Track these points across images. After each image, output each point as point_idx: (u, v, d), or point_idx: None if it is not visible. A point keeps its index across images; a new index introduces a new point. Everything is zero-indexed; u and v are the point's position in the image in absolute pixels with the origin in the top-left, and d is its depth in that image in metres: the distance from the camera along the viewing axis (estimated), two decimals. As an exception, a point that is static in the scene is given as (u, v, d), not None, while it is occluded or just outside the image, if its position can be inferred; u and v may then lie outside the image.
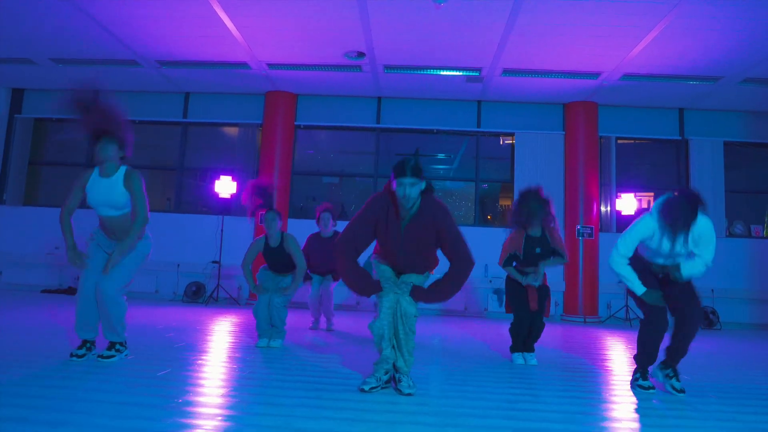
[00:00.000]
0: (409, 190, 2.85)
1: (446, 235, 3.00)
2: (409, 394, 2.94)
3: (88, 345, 3.53)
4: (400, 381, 3.03)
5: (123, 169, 3.50)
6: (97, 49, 7.48)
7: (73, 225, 3.49)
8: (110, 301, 3.39)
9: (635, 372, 3.50)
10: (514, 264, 4.33)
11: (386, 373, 3.08)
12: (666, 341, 3.39)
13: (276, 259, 4.57)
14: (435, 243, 3.08)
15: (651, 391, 3.32)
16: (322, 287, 5.66)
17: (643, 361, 3.45)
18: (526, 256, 4.22)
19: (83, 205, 3.47)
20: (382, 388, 3.04)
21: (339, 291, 6.45)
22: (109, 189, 3.43)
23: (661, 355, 3.43)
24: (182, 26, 6.71)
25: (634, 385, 3.44)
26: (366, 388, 2.97)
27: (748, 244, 8.64)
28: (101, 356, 3.47)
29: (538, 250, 4.21)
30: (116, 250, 3.37)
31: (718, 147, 8.75)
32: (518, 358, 4.24)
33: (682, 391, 3.25)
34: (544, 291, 4.29)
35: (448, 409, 2.69)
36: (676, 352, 3.38)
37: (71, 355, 3.44)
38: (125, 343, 3.63)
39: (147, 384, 2.91)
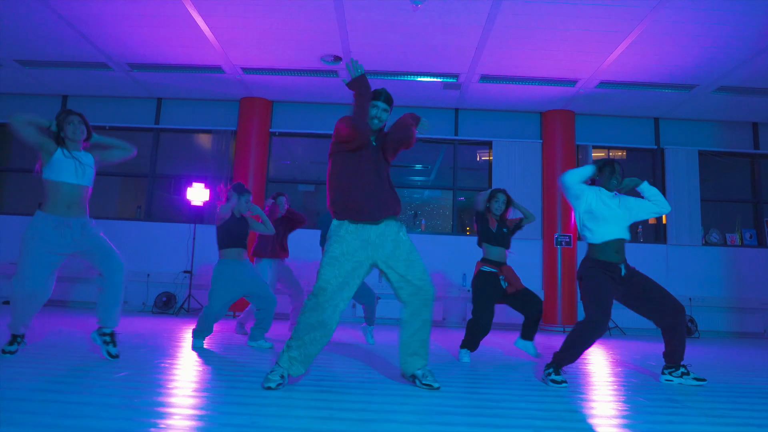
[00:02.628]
0: (380, 113, 3.12)
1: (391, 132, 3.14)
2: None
3: (18, 339, 3.43)
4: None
5: (84, 151, 3.60)
6: (66, 50, 7.24)
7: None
8: (123, 278, 3.58)
9: (549, 367, 3.38)
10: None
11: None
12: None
13: (239, 228, 4.58)
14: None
15: (564, 385, 3.26)
16: (278, 270, 5.56)
17: (568, 359, 3.36)
18: (497, 234, 4.41)
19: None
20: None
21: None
22: (83, 161, 3.50)
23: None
24: (154, 27, 6.53)
25: (547, 380, 3.33)
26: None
27: (724, 252, 8.67)
28: (111, 354, 3.44)
29: (504, 230, 4.47)
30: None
31: (693, 156, 8.81)
32: (465, 356, 4.20)
33: (703, 379, 3.49)
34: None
35: (430, 407, 2.53)
36: (680, 345, 3.50)
37: (3, 352, 3.34)
38: None
39: (111, 385, 2.69)
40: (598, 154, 9.11)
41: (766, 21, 5.77)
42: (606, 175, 3.62)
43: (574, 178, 3.60)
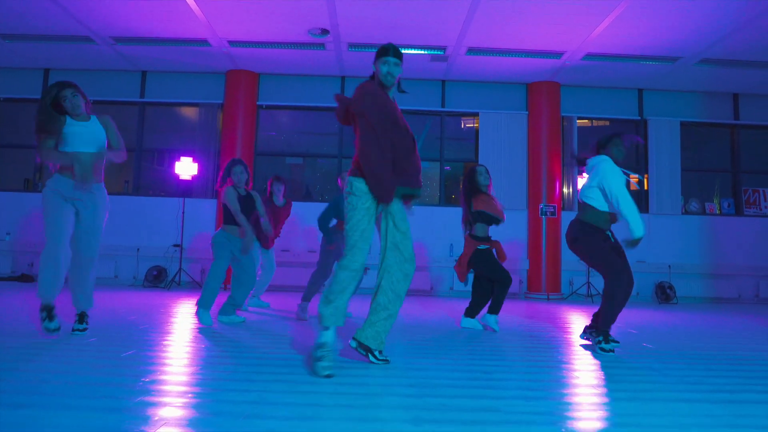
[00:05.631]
0: (393, 68, 3.04)
1: None
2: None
3: (53, 312, 3.51)
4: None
5: (93, 116, 3.63)
6: (49, 24, 7.13)
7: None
8: (93, 264, 3.55)
9: (599, 335, 3.64)
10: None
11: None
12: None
13: (242, 204, 4.64)
14: None
15: (613, 352, 3.56)
16: (265, 259, 5.74)
17: (610, 321, 3.63)
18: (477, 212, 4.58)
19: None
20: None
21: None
22: (91, 128, 3.56)
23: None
24: (139, 0, 6.45)
25: (597, 348, 3.60)
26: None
27: (703, 221, 8.94)
28: (78, 329, 3.58)
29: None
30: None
31: (675, 127, 8.99)
32: (493, 322, 4.53)
33: (612, 350, 3.59)
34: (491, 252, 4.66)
35: (426, 380, 2.68)
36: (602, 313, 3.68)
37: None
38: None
39: (112, 365, 2.80)
40: (582, 123, 9.23)
41: (749, -5, 5.86)
42: (615, 151, 3.83)
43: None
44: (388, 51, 3.06)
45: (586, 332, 3.91)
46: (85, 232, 3.51)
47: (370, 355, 2.98)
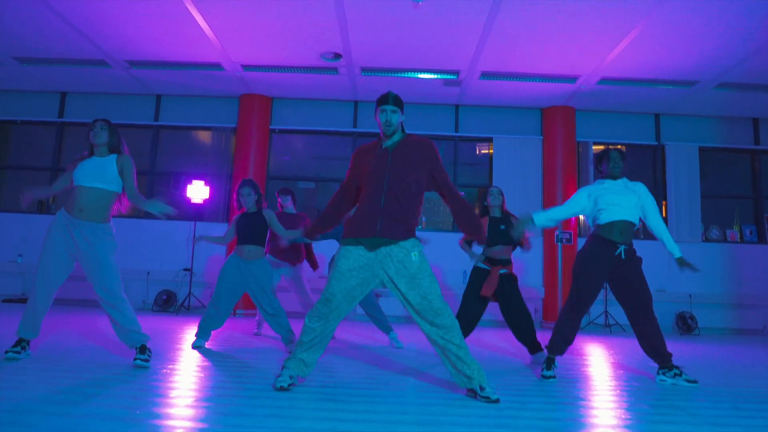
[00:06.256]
0: (391, 116, 3.03)
1: (438, 173, 3.07)
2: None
3: (23, 344, 3.45)
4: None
5: (114, 155, 3.58)
6: (64, 47, 7.21)
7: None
8: (117, 300, 3.40)
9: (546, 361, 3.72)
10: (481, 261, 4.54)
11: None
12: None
13: (250, 224, 4.52)
14: (424, 184, 3.04)
15: (552, 380, 3.60)
16: (290, 278, 5.47)
17: (556, 348, 3.71)
18: (492, 234, 4.43)
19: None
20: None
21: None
22: (101, 164, 3.50)
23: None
24: (153, 25, 6.50)
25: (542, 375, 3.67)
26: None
27: (724, 249, 8.68)
28: (140, 359, 3.42)
29: (502, 227, 4.45)
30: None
31: (693, 152, 8.80)
32: None
33: (695, 381, 3.56)
34: (510, 279, 4.44)
35: (433, 417, 2.53)
36: (661, 344, 3.62)
37: (6, 352, 3.38)
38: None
39: (113, 395, 2.69)
40: (598, 148, 9.09)
41: (766, 19, 5.74)
42: (607, 165, 3.81)
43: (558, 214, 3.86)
44: (387, 99, 3.06)
45: (660, 373, 3.70)
46: (92, 271, 3.40)
47: (478, 396, 2.91)
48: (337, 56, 7.18)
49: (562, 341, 3.70)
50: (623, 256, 3.65)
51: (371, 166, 3.03)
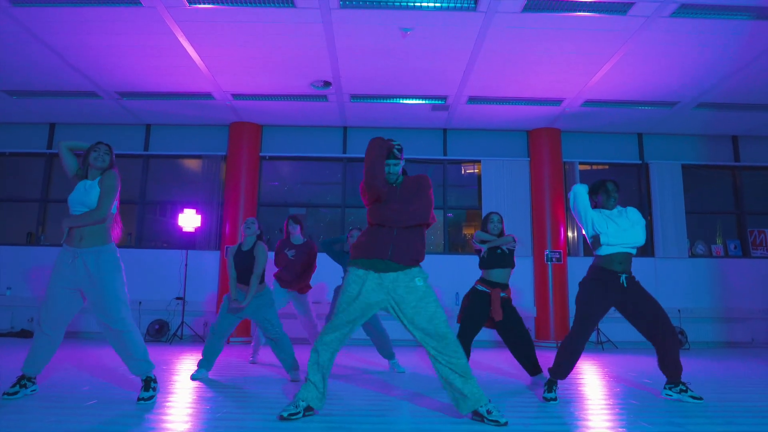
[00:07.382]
0: (392, 168, 3.25)
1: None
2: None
3: (23, 381, 3.41)
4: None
5: (99, 177, 3.52)
6: (55, 79, 7.24)
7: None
8: (123, 329, 3.32)
9: (545, 385, 3.77)
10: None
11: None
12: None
13: (243, 263, 4.52)
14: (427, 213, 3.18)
15: (554, 402, 3.62)
16: (297, 305, 5.44)
17: (559, 373, 3.72)
18: (490, 257, 4.48)
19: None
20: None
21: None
22: (87, 187, 3.45)
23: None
24: (144, 56, 6.57)
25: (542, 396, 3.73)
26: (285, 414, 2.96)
27: (710, 263, 8.83)
28: (143, 399, 3.34)
29: (498, 251, 4.49)
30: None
31: (676, 170, 9.00)
32: None
33: (700, 397, 3.66)
34: (509, 303, 4.48)
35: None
36: (671, 364, 3.69)
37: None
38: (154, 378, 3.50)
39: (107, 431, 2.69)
40: (584, 168, 9.26)
41: (743, 41, 5.96)
42: (603, 197, 3.86)
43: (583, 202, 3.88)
44: (389, 155, 3.23)
45: (667, 388, 3.79)
46: (94, 302, 3.33)
47: (486, 420, 2.94)
48: (327, 84, 7.30)
49: (567, 366, 3.70)
50: (625, 285, 3.71)
51: (384, 205, 3.17)
